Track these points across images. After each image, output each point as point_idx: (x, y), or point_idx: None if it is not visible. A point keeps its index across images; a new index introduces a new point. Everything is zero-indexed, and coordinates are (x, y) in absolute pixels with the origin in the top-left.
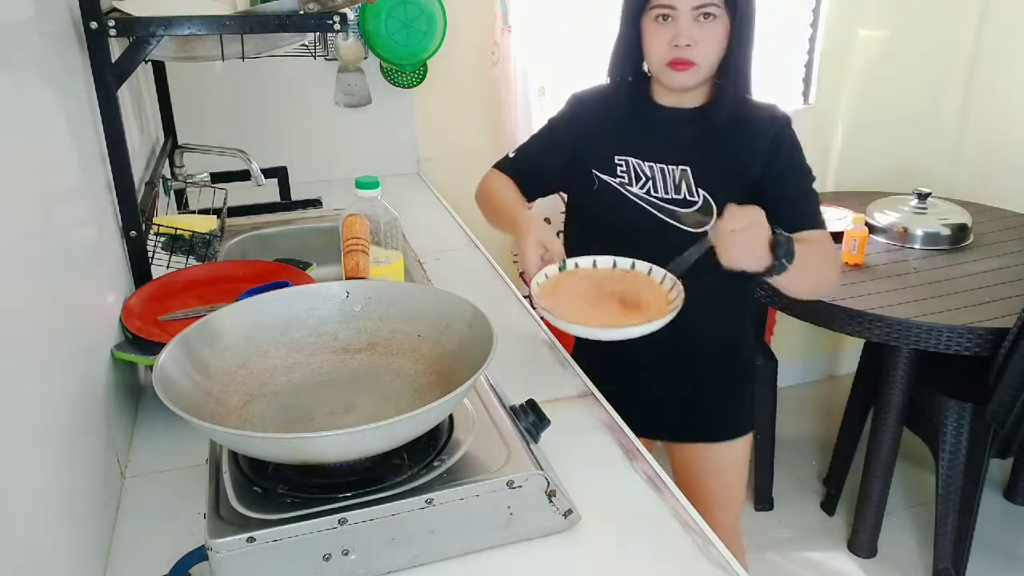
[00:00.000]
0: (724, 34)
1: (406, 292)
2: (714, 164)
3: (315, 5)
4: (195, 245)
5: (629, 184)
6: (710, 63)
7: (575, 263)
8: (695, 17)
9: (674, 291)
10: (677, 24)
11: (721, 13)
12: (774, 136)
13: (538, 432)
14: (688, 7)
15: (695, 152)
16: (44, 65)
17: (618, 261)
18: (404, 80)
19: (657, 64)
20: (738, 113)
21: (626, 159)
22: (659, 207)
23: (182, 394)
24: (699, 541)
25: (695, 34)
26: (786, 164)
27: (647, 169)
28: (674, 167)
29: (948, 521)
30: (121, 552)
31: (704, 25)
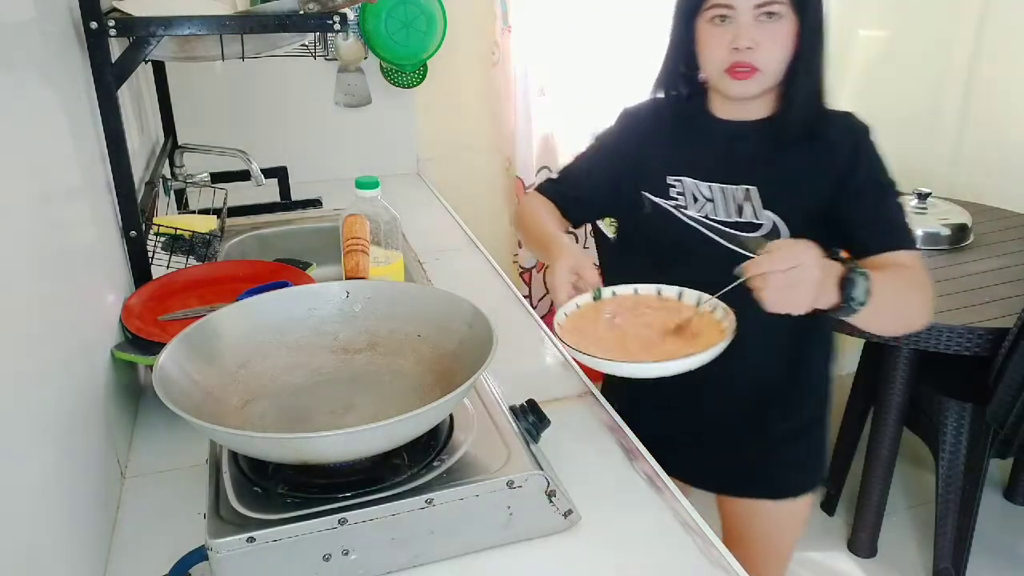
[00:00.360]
0: (791, 34)
1: (406, 292)
2: (783, 182)
3: (315, 5)
4: (195, 245)
5: (685, 207)
6: (775, 68)
7: (612, 291)
8: (757, 16)
9: (727, 320)
10: (736, 25)
11: (787, 11)
12: (852, 148)
13: (538, 432)
14: (749, 5)
15: (761, 169)
16: (44, 65)
17: (663, 289)
18: (404, 80)
19: (715, 71)
20: (810, 124)
21: (681, 179)
22: (720, 232)
23: (182, 394)
24: (699, 541)
25: (757, 35)
26: (865, 178)
27: (705, 190)
28: (736, 187)
29: (948, 521)
30: (121, 552)
31: (767, 25)
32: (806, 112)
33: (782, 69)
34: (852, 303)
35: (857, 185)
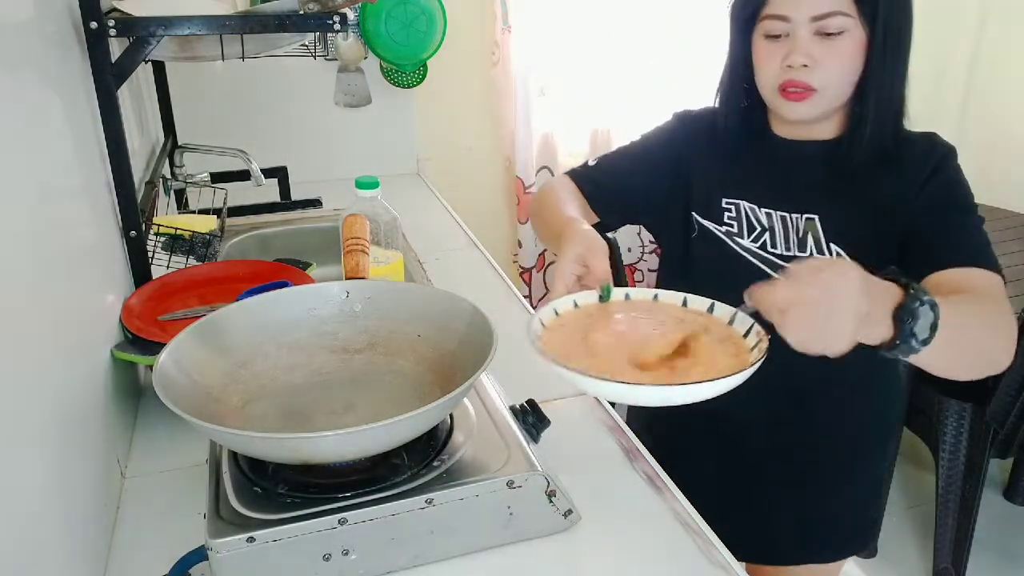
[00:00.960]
0: (856, 51)
1: (406, 292)
2: (851, 213)
3: (315, 5)
4: (195, 245)
5: (739, 235)
6: (836, 89)
7: (626, 294)
8: (815, 31)
9: (757, 350)
10: (792, 39)
11: (853, 24)
12: (936, 165)
13: (538, 432)
14: (806, 17)
15: (826, 198)
16: (44, 65)
17: (690, 299)
18: (404, 80)
19: (768, 90)
20: (884, 148)
21: (736, 203)
22: (776, 267)
23: (182, 394)
24: (699, 541)
25: (815, 52)
26: (940, 194)
27: (764, 217)
28: (798, 216)
29: (948, 521)
30: (121, 552)
31: (827, 41)
32: (878, 134)
33: (846, 88)
34: (912, 341)
35: (929, 200)
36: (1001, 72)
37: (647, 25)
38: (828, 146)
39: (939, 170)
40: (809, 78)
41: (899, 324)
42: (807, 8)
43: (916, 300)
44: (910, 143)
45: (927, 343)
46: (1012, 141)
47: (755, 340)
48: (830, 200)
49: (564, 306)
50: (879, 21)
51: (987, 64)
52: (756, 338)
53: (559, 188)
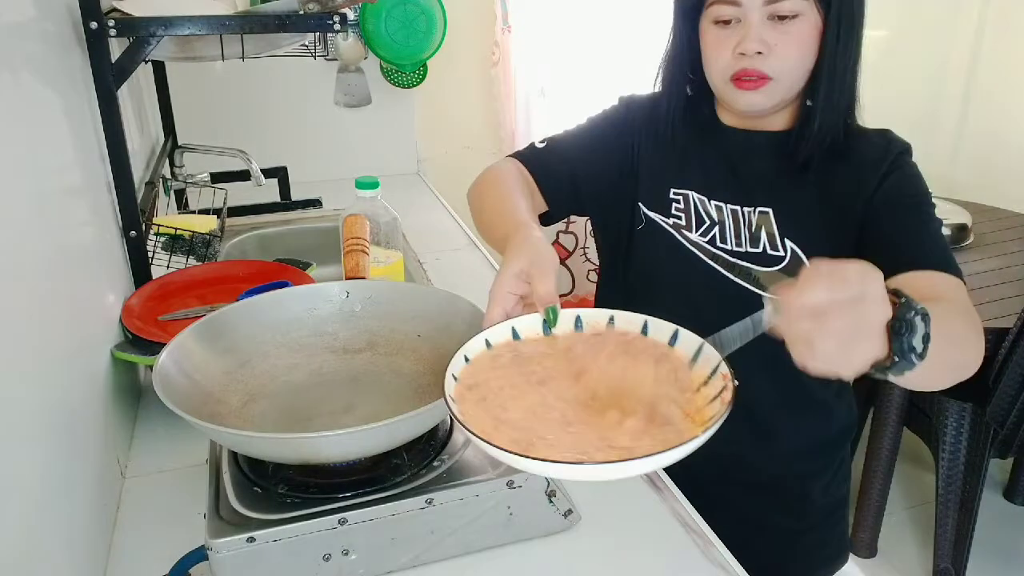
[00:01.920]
0: (811, 36)
1: (406, 292)
2: (805, 207)
3: (315, 5)
4: (195, 245)
5: (687, 227)
6: (791, 77)
7: (576, 317)
8: (769, 15)
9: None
10: (744, 26)
11: (808, 7)
12: (890, 166)
13: None
14: (757, 4)
15: (779, 191)
16: (44, 65)
17: (651, 324)
18: (404, 80)
19: (719, 79)
20: (836, 140)
21: (685, 194)
22: (727, 263)
23: (182, 394)
24: (699, 541)
25: (768, 37)
26: (900, 196)
27: (713, 210)
28: (751, 209)
29: (948, 521)
30: (121, 552)
31: (781, 26)
32: (830, 126)
33: (801, 76)
34: (912, 356)
35: (887, 198)
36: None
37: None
38: (779, 137)
39: (896, 167)
40: (763, 66)
41: (894, 338)
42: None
43: (910, 309)
44: (864, 138)
45: (923, 358)
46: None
47: (718, 388)
48: (783, 193)
49: (498, 337)
50: (833, 5)
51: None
52: (721, 383)
53: (507, 175)
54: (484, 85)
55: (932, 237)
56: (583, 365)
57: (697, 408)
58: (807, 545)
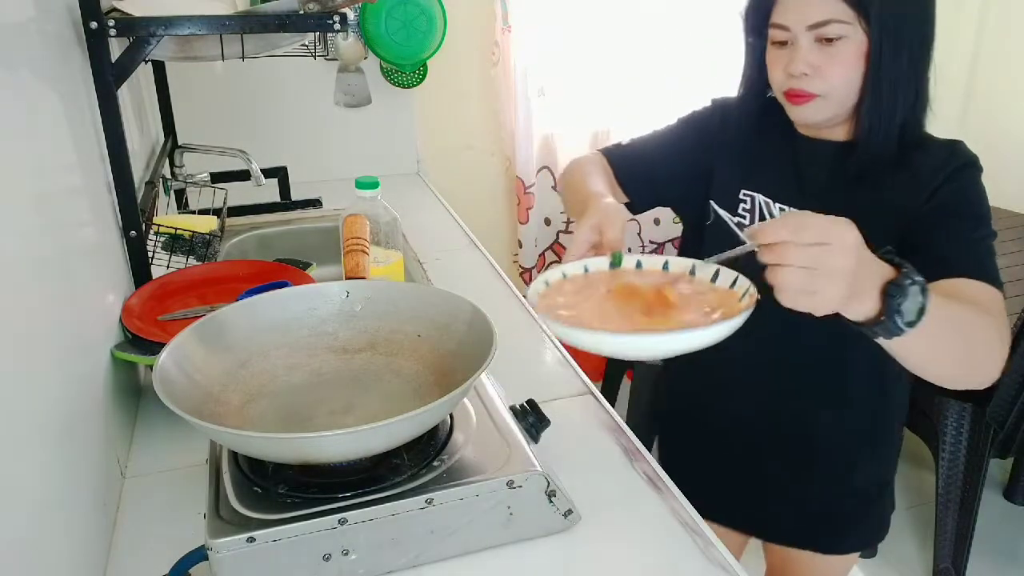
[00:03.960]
0: (857, 57)
1: (406, 292)
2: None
3: (315, 5)
4: (195, 245)
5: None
6: (840, 93)
7: (637, 261)
8: (815, 38)
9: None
10: (794, 48)
11: (852, 30)
12: (949, 175)
13: (538, 432)
14: (803, 27)
15: (834, 198)
16: (44, 65)
17: (697, 266)
18: (404, 80)
19: (777, 93)
20: (896, 151)
21: (753, 196)
22: None
23: (182, 394)
24: (699, 541)
25: (815, 59)
26: (951, 204)
27: (776, 212)
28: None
29: (948, 521)
30: (121, 552)
31: (827, 49)
32: (881, 138)
33: (851, 93)
34: (898, 319)
35: (938, 206)
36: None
37: (647, 25)
38: (841, 147)
39: (953, 179)
40: (810, 85)
41: (886, 299)
42: (804, 16)
43: (907, 279)
44: (929, 149)
45: (912, 325)
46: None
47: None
48: (838, 200)
49: (573, 270)
50: (877, 26)
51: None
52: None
53: (589, 163)
54: (484, 85)
55: (976, 246)
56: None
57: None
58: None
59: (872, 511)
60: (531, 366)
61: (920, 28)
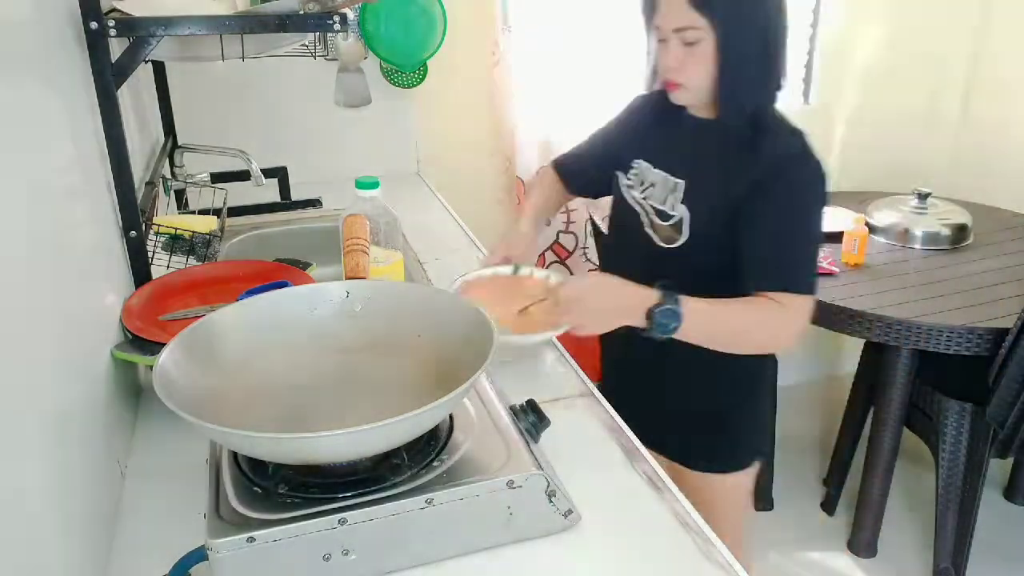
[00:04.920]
0: (712, 55)
1: (406, 292)
2: (705, 182)
3: (315, 5)
4: (195, 245)
5: (633, 187)
6: (700, 85)
7: (530, 271)
8: (680, 40)
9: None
10: (666, 46)
11: (706, 35)
12: (764, 171)
13: (538, 432)
14: (670, 30)
15: (695, 166)
16: (44, 65)
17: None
18: (404, 80)
19: (662, 80)
20: (747, 133)
21: (640, 163)
22: (648, 215)
23: (182, 394)
24: (699, 541)
25: (680, 57)
26: (764, 209)
27: (652, 175)
28: (673, 178)
29: (948, 521)
30: (121, 552)
31: (690, 48)
32: (733, 120)
33: (711, 84)
34: (659, 331)
35: (751, 214)
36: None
37: None
38: (707, 124)
39: (767, 179)
40: (677, 77)
41: (648, 319)
42: (670, 21)
43: (662, 305)
44: (770, 136)
45: (672, 332)
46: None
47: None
48: (695, 169)
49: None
50: (721, 33)
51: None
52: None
53: (532, 184)
54: (484, 85)
55: (785, 260)
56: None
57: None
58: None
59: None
60: (531, 366)
61: (761, 34)
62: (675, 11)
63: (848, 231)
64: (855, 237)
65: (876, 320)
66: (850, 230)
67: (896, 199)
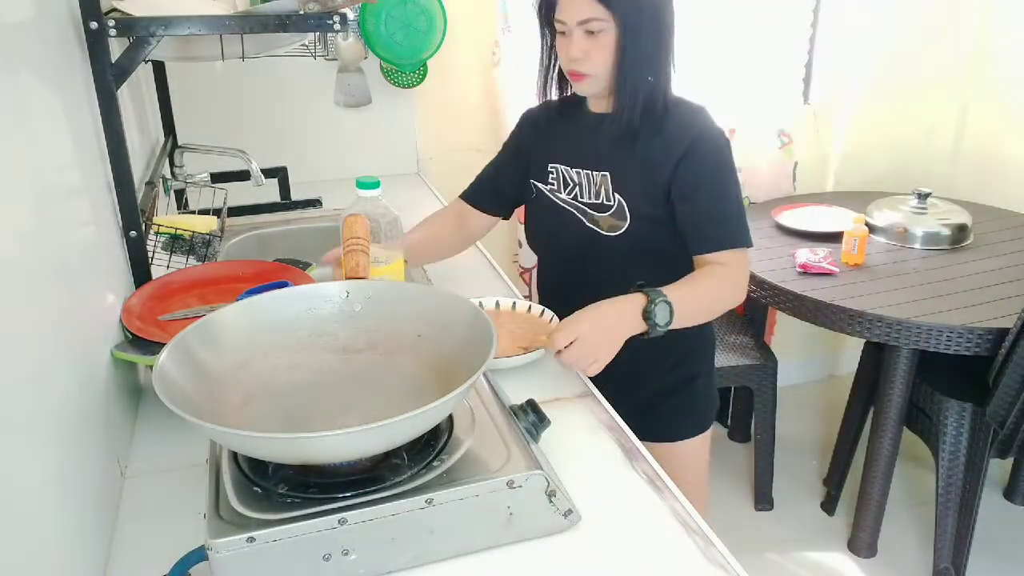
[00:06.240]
0: (614, 45)
1: (406, 292)
2: (629, 169)
3: (315, 5)
4: (195, 245)
5: (558, 191)
6: (606, 73)
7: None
8: (584, 31)
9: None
10: (569, 38)
11: (608, 26)
12: (685, 149)
13: (538, 432)
14: (574, 22)
15: (614, 157)
16: (44, 65)
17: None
18: (404, 80)
19: (565, 72)
20: (651, 118)
21: (556, 167)
22: (584, 212)
23: (182, 394)
24: (699, 541)
25: (586, 46)
26: (694, 181)
27: (574, 175)
28: (596, 173)
29: (948, 521)
30: (121, 552)
31: (593, 38)
32: (628, 109)
33: (613, 73)
34: (658, 328)
35: (686, 186)
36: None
37: None
38: (606, 117)
39: (689, 154)
40: (582, 67)
41: (646, 320)
42: (574, 15)
43: (653, 303)
44: (677, 116)
45: (670, 325)
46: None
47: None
48: (615, 160)
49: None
50: (622, 22)
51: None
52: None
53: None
54: (484, 85)
55: (719, 219)
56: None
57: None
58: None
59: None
60: (531, 366)
61: (655, 27)
62: (580, 4)
63: (848, 231)
64: (855, 237)
65: (876, 320)
66: (850, 230)
67: (896, 199)
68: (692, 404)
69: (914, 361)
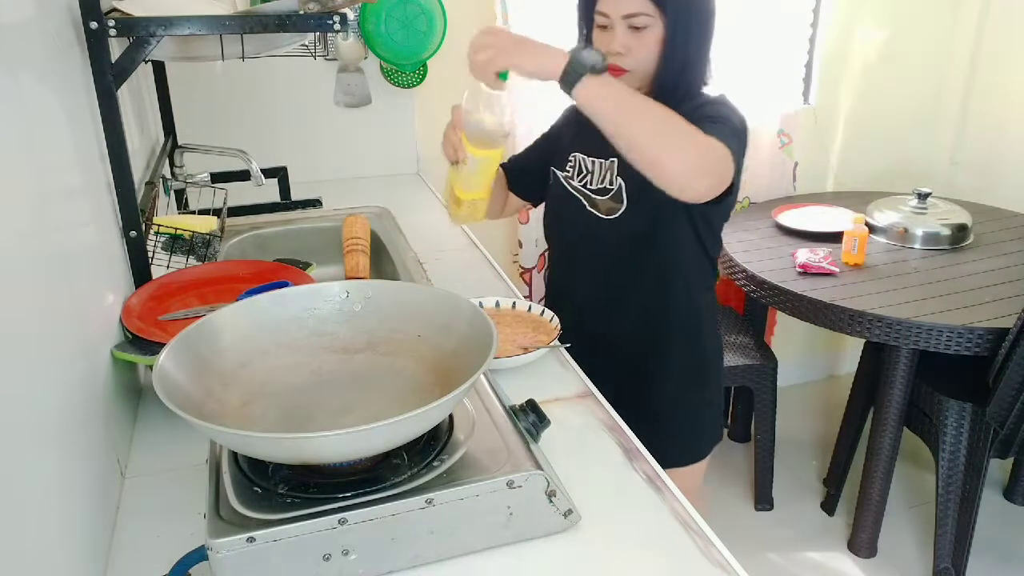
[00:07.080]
0: (657, 41)
1: (406, 292)
2: None
3: (315, 5)
4: (195, 245)
5: (571, 177)
6: (645, 69)
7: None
8: (628, 25)
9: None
10: (612, 32)
11: (654, 21)
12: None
13: (538, 432)
14: (619, 16)
15: None
16: (44, 65)
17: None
18: (404, 80)
19: None
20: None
21: (576, 155)
22: (587, 197)
23: (182, 394)
24: (699, 541)
25: (628, 42)
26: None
27: (589, 164)
28: (606, 160)
29: (948, 521)
30: (121, 552)
31: (636, 34)
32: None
33: (653, 67)
34: (577, 65)
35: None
36: (1001, 72)
37: None
38: None
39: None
40: (623, 62)
41: (571, 54)
42: (620, 8)
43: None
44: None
45: (593, 71)
46: (1012, 141)
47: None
48: None
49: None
50: (669, 19)
51: (987, 64)
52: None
53: None
54: None
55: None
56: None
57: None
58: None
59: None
60: (531, 366)
61: (702, 26)
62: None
63: (848, 231)
64: (855, 237)
65: (876, 320)
66: (850, 230)
67: (896, 199)
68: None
69: (914, 361)
